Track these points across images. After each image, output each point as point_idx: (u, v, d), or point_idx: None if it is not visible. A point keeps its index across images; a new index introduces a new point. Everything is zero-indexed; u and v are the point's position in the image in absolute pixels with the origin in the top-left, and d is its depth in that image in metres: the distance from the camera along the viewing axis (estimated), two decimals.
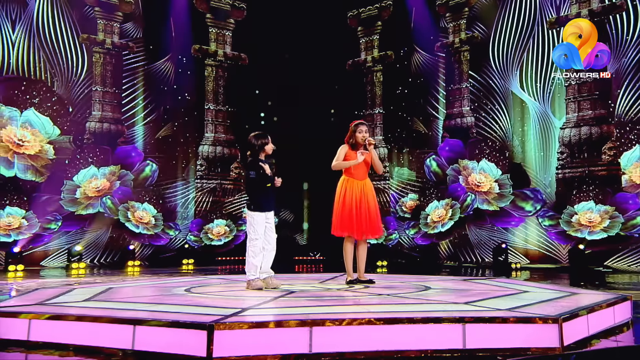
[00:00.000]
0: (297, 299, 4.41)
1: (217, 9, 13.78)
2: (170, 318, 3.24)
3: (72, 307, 3.96)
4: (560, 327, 3.17)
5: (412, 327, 3.14)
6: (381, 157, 13.13)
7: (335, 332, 3.07)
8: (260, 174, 5.14)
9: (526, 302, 4.08)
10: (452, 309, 3.75)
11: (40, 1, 11.45)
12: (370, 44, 13.64)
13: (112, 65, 12.34)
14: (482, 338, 3.16)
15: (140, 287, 5.80)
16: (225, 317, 3.27)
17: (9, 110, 11.01)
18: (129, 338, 3.12)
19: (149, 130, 12.65)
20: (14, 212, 10.93)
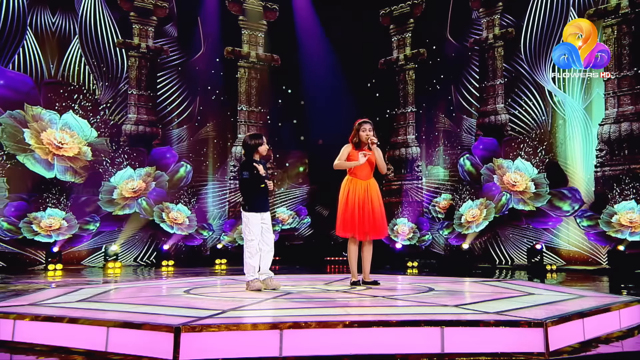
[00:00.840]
0: (288, 301, 4.37)
1: (250, 11, 13.88)
2: (144, 320, 3.20)
3: (61, 307, 3.96)
4: (546, 332, 3.05)
5: (389, 331, 3.05)
6: (413, 156, 12.98)
7: (306, 336, 3.00)
8: (253, 174, 5.11)
9: (522, 304, 3.95)
10: (436, 311, 3.65)
11: (84, 7, 11.80)
12: (402, 42, 13.49)
13: (147, 69, 12.59)
14: (462, 342, 3.05)
15: (143, 288, 5.83)
16: (198, 319, 3.22)
17: (49, 113, 11.37)
18: (103, 340, 3.11)
19: (183, 131, 12.85)
20: (55, 214, 11.28)
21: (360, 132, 5.46)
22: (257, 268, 5.15)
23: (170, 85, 12.81)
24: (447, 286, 5.54)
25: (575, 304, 4.00)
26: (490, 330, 3.08)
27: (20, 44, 11.29)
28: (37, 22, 11.49)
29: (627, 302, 4.04)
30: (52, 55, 11.57)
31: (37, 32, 11.45)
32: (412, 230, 12.72)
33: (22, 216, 11.00)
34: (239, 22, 13.79)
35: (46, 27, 11.57)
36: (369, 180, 5.48)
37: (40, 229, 11.10)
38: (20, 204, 11.03)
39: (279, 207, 13.89)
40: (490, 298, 4.39)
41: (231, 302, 4.25)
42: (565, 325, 3.27)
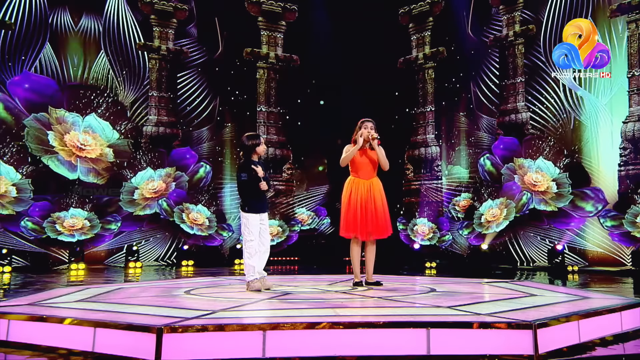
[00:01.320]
0: (283, 302, 4.38)
1: (269, 12, 13.94)
2: (130, 321, 3.21)
3: (57, 307, 4.00)
4: (535, 334, 2.98)
5: (374, 332, 3.01)
6: (433, 155, 12.86)
7: (290, 337, 2.98)
8: (252, 176, 5.13)
9: (520, 306, 3.88)
10: (426, 313, 3.60)
11: (107, 10, 12.02)
12: (421, 40, 13.38)
13: (167, 71, 12.75)
14: (448, 344, 3.00)
15: (146, 288, 5.86)
16: (184, 319, 3.22)
17: (72, 116, 11.61)
18: (90, 340, 3.14)
19: (203, 132, 12.98)
20: (77, 214, 11.51)
21: (361, 129, 5.46)
22: (257, 268, 5.17)
23: (190, 86, 12.95)
24: (451, 287, 5.48)
25: (575, 306, 3.92)
26: (476, 332, 3.02)
27: (42, 48, 11.55)
28: (60, 25, 11.74)
29: (631, 304, 3.93)
30: (75, 58, 11.80)
31: (60, 36, 11.70)
32: (432, 230, 12.61)
33: (46, 216, 11.25)
34: (258, 23, 13.85)
35: (69, 31, 11.81)
36: (371, 180, 5.46)
37: (64, 229, 11.34)
38: (44, 204, 11.29)
39: (299, 208, 13.91)
40: (489, 299, 4.34)
41: (225, 303, 4.26)
42: (557, 328, 3.20)
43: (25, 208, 11.13)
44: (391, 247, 12.73)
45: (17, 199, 11.10)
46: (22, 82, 11.31)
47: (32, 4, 11.44)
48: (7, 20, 11.31)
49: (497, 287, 5.53)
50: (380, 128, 12.85)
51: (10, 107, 11.17)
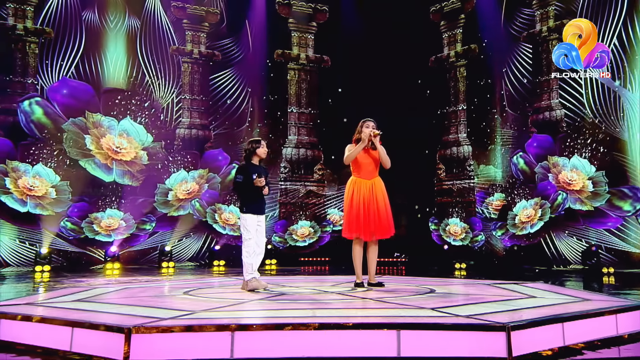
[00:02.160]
0: (272, 302, 4.40)
1: (299, 13, 14.01)
2: (106, 321, 3.23)
3: (48, 307, 4.07)
4: (508, 336, 2.92)
5: (344, 333, 3.00)
6: (465, 155, 12.67)
7: (258, 337, 2.98)
8: (247, 177, 5.21)
9: (508, 307, 3.81)
10: (405, 314, 3.56)
11: (143, 15, 12.34)
12: (453, 38, 13.20)
13: (200, 74, 12.98)
14: (419, 346, 2.97)
15: (146, 289, 5.91)
16: (159, 320, 3.24)
17: (107, 120, 11.95)
18: (68, 340, 3.19)
19: (235, 134, 13.14)
20: (114, 214, 11.84)
21: (362, 128, 5.45)
22: (256, 267, 5.24)
23: (221, 89, 13.14)
24: (453, 288, 5.42)
25: (568, 309, 3.82)
26: (448, 333, 2.99)
27: (79, 54, 11.93)
28: (96, 32, 12.10)
29: (629, 307, 3.81)
30: (110, 64, 12.14)
31: (96, 42, 12.06)
32: (465, 230, 12.43)
33: (84, 217, 11.63)
34: (288, 25, 13.94)
35: (105, 37, 12.15)
36: (373, 179, 5.45)
37: (101, 229, 11.69)
38: (82, 205, 11.66)
39: (330, 209, 13.92)
40: (480, 301, 4.26)
41: (213, 303, 4.28)
42: (535, 330, 3.13)
43: (64, 209, 11.52)
44: (423, 247, 12.68)
45: (57, 201, 11.51)
46: (60, 88, 11.72)
47: (69, 12, 11.83)
48: (46, 28, 11.73)
49: (502, 288, 5.42)
50: (411, 128, 12.82)
51: (49, 112, 11.58)
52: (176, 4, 12.79)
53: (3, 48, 11.42)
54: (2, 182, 11.13)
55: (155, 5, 12.60)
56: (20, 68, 11.57)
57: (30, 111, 11.46)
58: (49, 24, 11.72)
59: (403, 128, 12.89)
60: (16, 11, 11.61)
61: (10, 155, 11.25)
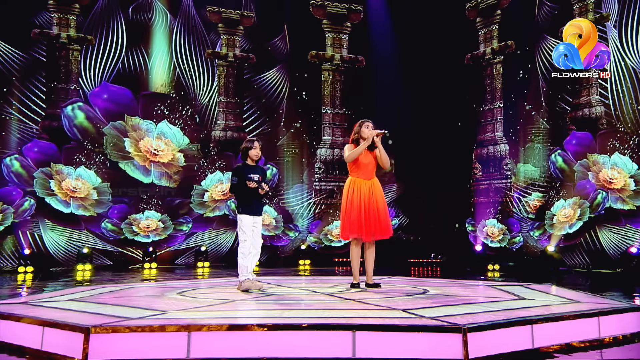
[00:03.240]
0: (255, 303, 4.43)
1: (334, 14, 14.03)
2: (74, 321, 3.26)
3: (36, 307, 4.15)
4: (465, 338, 2.89)
5: (299, 334, 2.99)
6: (502, 154, 12.38)
7: (214, 338, 3.00)
8: (242, 179, 5.23)
9: (482, 310, 3.74)
10: (370, 315, 3.54)
11: (177, 22, 12.67)
12: (489, 34, 12.92)
13: (234, 77, 13.19)
14: (375, 347, 2.95)
15: (147, 289, 5.98)
16: (125, 319, 3.27)
17: (146, 123, 12.31)
18: (39, 339, 3.27)
19: (269, 135, 13.28)
20: (152, 216, 12.17)
21: (362, 128, 5.40)
22: (250, 268, 5.25)
23: (256, 91, 13.30)
24: (450, 290, 5.33)
25: (549, 310, 3.74)
26: (405, 335, 2.97)
27: (120, 60, 12.34)
28: (135, 39, 12.49)
29: (611, 309, 3.69)
30: (147, 68, 12.50)
31: (135, 47, 12.44)
32: (502, 231, 12.14)
33: (124, 218, 12.00)
34: (322, 26, 13.98)
35: (142, 43, 12.52)
36: (372, 180, 5.39)
37: (140, 230, 12.04)
38: (121, 206, 12.04)
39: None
40: (465, 302, 4.20)
41: (196, 304, 4.30)
42: (498, 332, 3.06)
43: (105, 210, 11.94)
44: (460, 248, 12.46)
45: (98, 202, 11.93)
46: (101, 92, 12.15)
47: (109, 19, 12.26)
48: (88, 36, 12.19)
49: (500, 290, 5.29)
50: (447, 127, 12.63)
51: (91, 116, 12.02)
52: (211, 9, 13.04)
53: (48, 56, 11.93)
54: (47, 184, 11.63)
55: (189, 10, 12.87)
56: (64, 75, 12.06)
57: (73, 116, 11.93)
58: (91, 32, 12.16)
59: (438, 127, 12.75)
60: (60, 20, 12.11)
61: (54, 158, 11.75)
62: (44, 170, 11.62)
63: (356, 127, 5.53)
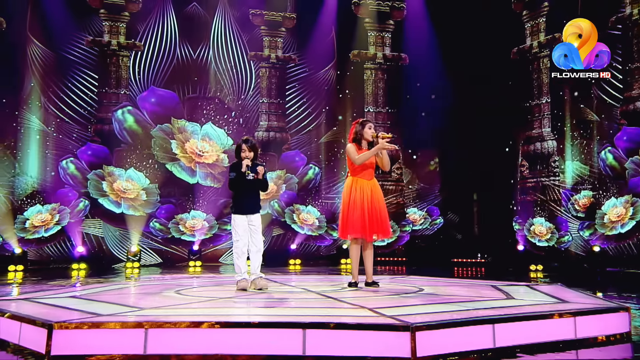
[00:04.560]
0: (238, 301, 4.51)
1: (376, 12, 13.96)
2: (44, 317, 3.39)
3: (30, 302, 4.35)
4: (413, 337, 2.92)
5: (251, 332, 3.07)
6: (549, 150, 11.97)
7: (170, 335, 3.08)
8: (239, 173, 5.20)
9: (452, 309, 3.74)
10: (333, 313, 3.59)
11: (216, 25, 12.97)
12: (536, 27, 12.51)
13: (277, 78, 13.36)
14: (324, 345, 3.00)
15: (151, 287, 6.02)
16: (96, 315, 3.40)
17: (191, 125, 12.67)
18: (17, 333, 3.45)
19: (311, 134, 13.37)
20: (197, 215, 12.52)
21: (365, 129, 5.36)
22: (244, 268, 5.26)
23: (298, 91, 13.43)
24: (446, 289, 5.31)
25: (531, 309, 3.71)
26: (354, 333, 3.00)
27: (167, 64, 12.76)
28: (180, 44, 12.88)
29: (591, 310, 3.64)
30: (192, 73, 12.86)
31: (182, 51, 12.83)
32: (550, 230, 11.74)
33: (171, 217, 12.40)
34: (365, 25, 13.94)
35: (186, 48, 12.90)
36: (372, 180, 5.37)
37: (186, 229, 12.40)
38: (168, 206, 12.45)
39: (410, 208, 13.75)
40: (444, 301, 4.23)
41: (181, 301, 4.39)
42: (452, 331, 3.09)
43: (153, 210, 12.37)
44: (507, 248, 12.15)
45: (147, 202, 12.38)
46: (149, 96, 12.60)
47: (157, 25, 12.69)
48: (136, 42, 12.66)
49: (497, 289, 5.16)
50: (492, 123, 12.31)
51: (139, 120, 12.49)
52: (254, 12, 13.26)
53: (100, 63, 12.48)
54: (100, 186, 12.17)
55: (231, 13, 13.12)
56: (114, 80, 12.58)
57: (123, 119, 12.43)
58: (140, 39, 12.63)
59: (483, 124, 12.47)
60: (110, 28, 12.63)
61: (106, 160, 12.28)
62: (96, 172, 12.17)
63: (356, 126, 5.49)
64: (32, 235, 11.63)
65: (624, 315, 3.76)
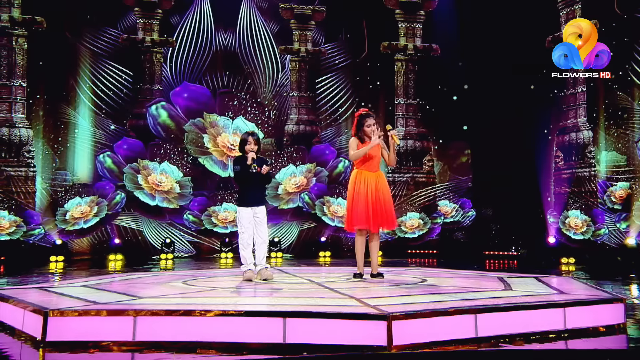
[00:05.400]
0: (238, 290, 4.65)
1: (407, 3, 13.84)
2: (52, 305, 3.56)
3: (40, 290, 4.56)
4: (389, 326, 2.99)
5: (234, 320, 3.20)
6: (585, 141, 11.65)
7: (156, 322, 3.24)
8: (244, 167, 5.22)
9: (443, 299, 3.77)
10: (319, 303, 3.67)
11: (243, 20, 13.13)
12: (571, 14, 12.16)
13: (306, 71, 13.42)
14: (304, 333, 3.09)
15: (160, 278, 6.16)
16: (94, 304, 3.54)
17: (223, 119, 12.88)
18: (21, 320, 3.65)
19: (341, 127, 13.39)
20: (229, 208, 12.73)
21: (364, 127, 5.31)
22: (250, 259, 5.32)
23: (327, 84, 13.46)
24: (447, 281, 5.35)
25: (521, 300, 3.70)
26: (333, 322, 3.09)
27: (203, 62, 13.01)
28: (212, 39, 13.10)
29: (577, 301, 3.61)
30: (222, 67, 13.06)
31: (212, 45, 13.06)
32: (586, 223, 11.45)
33: (203, 210, 12.66)
34: (395, 16, 13.84)
35: (218, 43, 13.10)
36: (377, 172, 5.34)
37: (218, 221, 12.64)
38: (201, 199, 12.71)
39: (441, 200, 13.62)
40: (436, 292, 4.31)
41: (182, 291, 4.53)
42: (431, 320, 3.16)
43: (186, 203, 12.66)
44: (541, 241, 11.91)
45: (180, 195, 12.68)
46: (182, 92, 12.87)
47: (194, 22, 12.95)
48: (169, 38, 12.94)
49: (501, 280, 5.12)
50: (526, 113, 12.05)
51: (173, 114, 12.78)
52: (284, 6, 13.34)
53: (134, 59, 12.82)
54: (135, 179, 12.53)
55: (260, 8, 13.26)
56: (148, 76, 12.90)
57: (157, 114, 12.74)
58: (172, 34, 12.92)
59: (517, 114, 12.23)
60: (144, 25, 12.94)
61: (141, 154, 12.62)
62: (132, 165, 12.52)
63: (357, 119, 5.46)
64: (72, 227, 12.08)
65: (619, 306, 3.73)
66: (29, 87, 12.05)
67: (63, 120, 12.27)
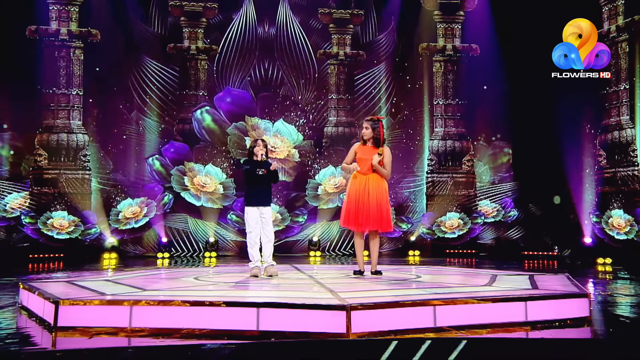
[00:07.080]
0: (235, 285, 5.04)
1: (446, 4, 13.88)
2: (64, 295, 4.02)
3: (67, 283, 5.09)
4: (348, 315, 3.30)
5: (215, 310, 3.58)
6: (628, 139, 11.38)
7: (149, 311, 3.64)
8: (253, 165, 5.56)
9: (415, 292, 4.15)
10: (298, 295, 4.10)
11: (280, 24, 13.53)
12: (614, 11, 11.90)
13: (345, 74, 13.69)
14: (275, 322, 3.45)
15: (176, 273, 6.60)
16: (101, 295, 4.00)
17: (264, 122, 13.32)
18: (41, 308, 4.13)
19: None
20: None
21: (363, 130, 5.56)
22: (257, 257, 5.60)
23: (366, 85, 13.67)
24: (442, 278, 5.61)
25: (477, 294, 3.96)
26: (300, 312, 3.46)
27: (246, 66, 13.51)
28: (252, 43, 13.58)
29: (538, 295, 3.88)
30: (262, 73, 13.50)
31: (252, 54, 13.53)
32: (629, 223, 11.19)
33: None
34: (433, 17, 13.91)
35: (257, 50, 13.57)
36: (368, 175, 5.52)
37: None
38: (244, 200, 13.16)
39: (482, 200, 13.58)
40: (415, 287, 4.64)
41: (188, 285, 4.96)
42: (389, 311, 3.47)
43: (230, 203, 13.17)
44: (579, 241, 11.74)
45: (224, 196, 13.20)
46: (224, 96, 13.40)
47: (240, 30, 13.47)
48: (213, 45, 13.50)
49: (490, 277, 5.33)
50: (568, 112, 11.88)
51: (216, 119, 13.32)
52: (322, 11, 13.66)
53: (181, 66, 13.45)
54: (182, 181, 13.14)
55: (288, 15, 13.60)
56: (194, 82, 13.49)
57: (202, 119, 13.32)
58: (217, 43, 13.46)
59: (557, 112, 12.08)
60: (190, 34, 13.55)
61: (187, 157, 13.23)
62: (179, 168, 13.14)
63: (364, 124, 5.70)
64: (124, 227, 12.80)
65: (584, 301, 3.97)
66: (85, 96, 12.87)
67: (116, 125, 13.01)
